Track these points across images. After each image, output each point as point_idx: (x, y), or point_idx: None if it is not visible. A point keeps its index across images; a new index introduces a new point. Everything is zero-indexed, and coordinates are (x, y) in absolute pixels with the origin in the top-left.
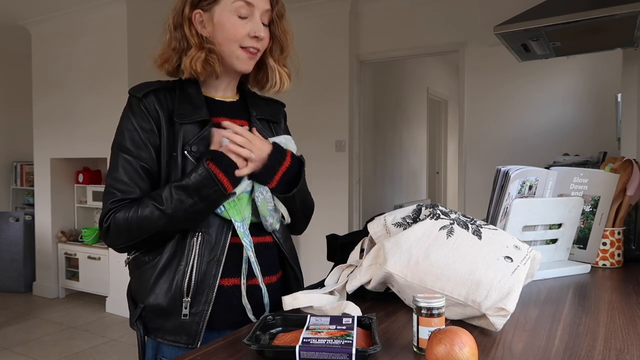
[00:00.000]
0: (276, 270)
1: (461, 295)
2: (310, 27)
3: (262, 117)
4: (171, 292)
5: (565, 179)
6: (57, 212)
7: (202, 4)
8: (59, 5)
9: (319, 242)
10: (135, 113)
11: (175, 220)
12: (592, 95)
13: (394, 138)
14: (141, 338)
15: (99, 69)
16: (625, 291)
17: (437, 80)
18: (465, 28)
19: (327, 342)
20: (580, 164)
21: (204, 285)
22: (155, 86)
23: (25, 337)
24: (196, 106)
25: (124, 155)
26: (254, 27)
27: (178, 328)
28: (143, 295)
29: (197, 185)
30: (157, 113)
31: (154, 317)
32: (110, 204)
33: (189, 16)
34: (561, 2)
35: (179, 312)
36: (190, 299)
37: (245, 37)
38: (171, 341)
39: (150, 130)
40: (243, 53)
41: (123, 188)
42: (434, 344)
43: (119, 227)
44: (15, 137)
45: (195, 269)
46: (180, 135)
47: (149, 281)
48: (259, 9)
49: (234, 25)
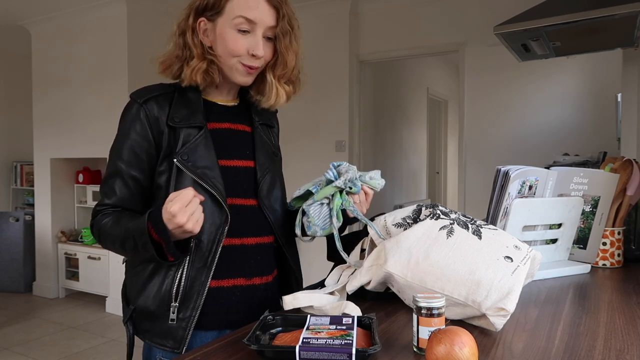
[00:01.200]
0: (271, 270)
1: (461, 295)
2: (310, 27)
3: (263, 122)
4: (160, 296)
5: (565, 179)
6: (57, 212)
7: (206, 13)
8: (59, 5)
9: (319, 242)
10: (134, 119)
11: (125, 254)
12: (592, 95)
13: (394, 138)
14: (130, 338)
15: (99, 69)
16: (625, 291)
17: (437, 80)
18: (465, 28)
19: (327, 342)
20: (580, 164)
21: (192, 291)
22: (157, 92)
23: (25, 337)
24: (193, 111)
25: (116, 161)
26: (253, 46)
27: (165, 332)
28: (134, 296)
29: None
30: (157, 120)
31: (143, 319)
32: (97, 207)
33: (193, 25)
34: (561, 2)
35: (167, 316)
36: (178, 304)
37: (244, 53)
38: (158, 344)
39: (146, 138)
40: (242, 67)
41: (108, 192)
42: (434, 344)
43: (97, 231)
44: (15, 137)
45: (185, 275)
46: (180, 140)
47: (139, 283)
48: (262, 26)
49: (233, 40)
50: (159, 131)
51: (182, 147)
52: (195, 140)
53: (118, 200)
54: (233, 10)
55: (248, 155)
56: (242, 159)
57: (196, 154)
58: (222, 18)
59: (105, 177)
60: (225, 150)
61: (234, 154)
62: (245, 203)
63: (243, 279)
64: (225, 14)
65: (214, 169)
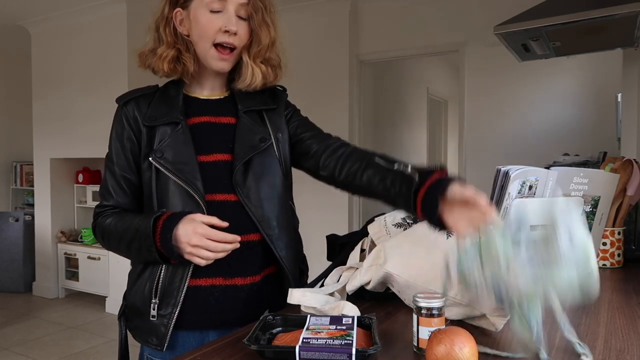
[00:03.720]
0: (258, 270)
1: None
2: (310, 27)
3: (250, 108)
4: (144, 293)
5: (565, 179)
6: (57, 212)
7: (180, 1)
8: (58, 5)
9: (319, 242)
10: (117, 121)
11: (129, 255)
12: (592, 95)
13: (394, 138)
14: (122, 334)
15: (98, 69)
16: (625, 291)
17: (437, 80)
18: (465, 28)
19: (327, 342)
20: (580, 164)
21: (172, 287)
22: (139, 92)
23: (25, 337)
24: (170, 108)
25: (109, 164)
26: (225, 22)
27: (149, 329)
28: (127, 293)
29: (137, 235)
30: (136, 120)
31: (133, 315)
32: (97, 208)
33: (169, 15)
34: (561, 2)
35: (149, 312)
36: (158, 301)
37: (218, 31)
38: (145, 340)
39: (128, 139)
40: (215, 52)
41: (106, 195)
42: (434, 344)
43: (99, 234)
44: (15, 137)
45: (164, 273)
46: (157, 138)
47: (132, 280)
48: (233, 3)
49: (207, 20)
50: (139, 131)
51: (158, 145)
52: (171, 137)
53: (116, 202)
54: None
55: (230, 148)
56: (222, 153)
57: (172, 150)
58: (195, 2)
59: (103, 180)
60: (205, 145)
61: (214, 147)
62: (227, 199)
63: (221, 279)
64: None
65: (190, 164)
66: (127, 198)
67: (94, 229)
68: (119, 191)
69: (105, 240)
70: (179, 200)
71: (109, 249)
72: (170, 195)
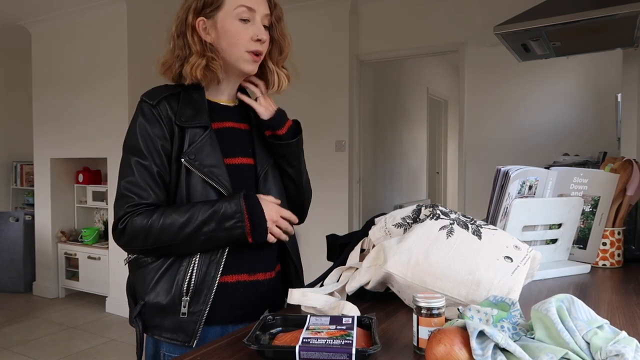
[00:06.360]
0: (274, 265)
1: (461, 295)
2: (310, 27)
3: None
4: (172, 292)
5: (565, 179)
6: (57, 212)
7: (205, 11)
8: (58, 5)
9: (319, 242)
10: (148, 120)
11: (191, 240)
12: (592, 95)
13: (394, 138)
14: (140, 334)
15: (99, 69)
16: (625, 291)
17: (437, 80)
18: (465, 28)
19: (327, 342)
20: (580, 164)
21: (203, 285)
22: (166, 92)
23: (25, 337)
24: (198, 111)
25: (139, 159)
26: (257, 31)
27: (176, 326)
28: (143, 293)
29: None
30: (170, 120)
31: (154, 314)
32: (127, 208)
33: (193, 24)
34: (561, 2)
35: (178, 310)
36: (189, 299)
37: (249, 40)
38: (168, 339)
39: (163, 137)
40: (249, 56)
41: (139, 192)
42: (434, 344)
43: (136, 231)
44: (15, 137)
45: (196, 270)
46: (187, 140)
47: (151, 281)
48: (259, 13)
49: (237, 30)
50: (172, 131)
51: (189, 147)
52: (202, 140)
53: (155, 199)
54: (233, 1)
55: (250, 152)
56: (245, 157)
57: (203, 153)
58: (222, 12)
59: (127, 178)
60: (229, 148)
61: (237, 151)
62: None
63: (246, 275)
64: (225, 7)
65: (220, 167)
66: (163, 195)
67: (124, 229)
68: (156, 188)
69: (149, 237)
70: None
71: (153, 244)
72: (198, 196)
